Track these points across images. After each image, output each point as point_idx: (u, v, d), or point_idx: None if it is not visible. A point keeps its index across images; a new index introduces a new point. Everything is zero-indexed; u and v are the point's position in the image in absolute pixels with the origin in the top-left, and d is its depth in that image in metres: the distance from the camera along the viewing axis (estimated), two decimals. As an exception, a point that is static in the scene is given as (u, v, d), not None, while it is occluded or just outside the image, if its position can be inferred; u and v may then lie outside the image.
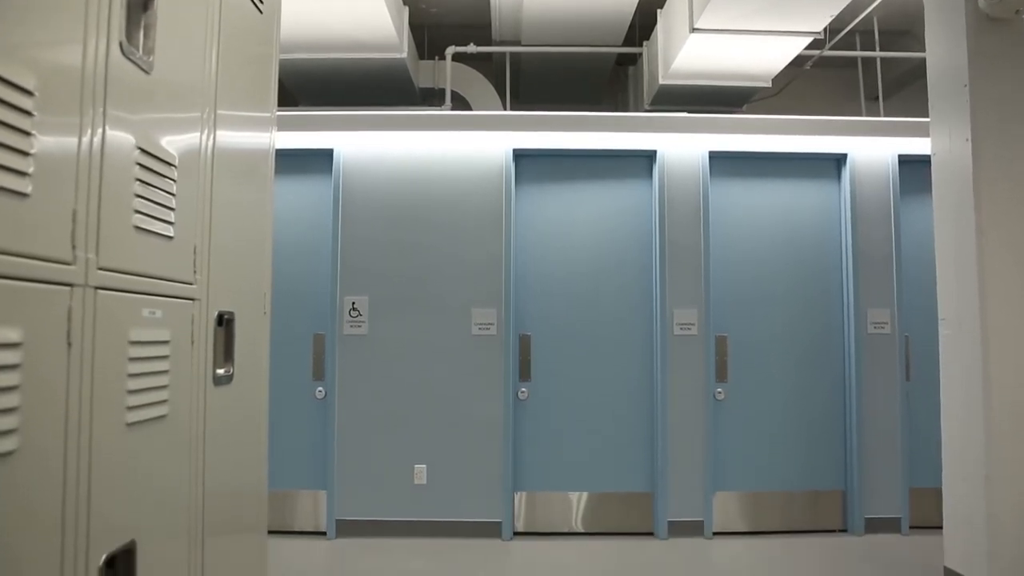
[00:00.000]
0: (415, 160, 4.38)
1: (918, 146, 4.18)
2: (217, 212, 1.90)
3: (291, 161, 4.14)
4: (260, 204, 2.31)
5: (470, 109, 5.08)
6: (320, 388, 4.26)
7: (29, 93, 1.13)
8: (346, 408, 4.23)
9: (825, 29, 4.18)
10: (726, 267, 4.40)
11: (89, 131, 1.30)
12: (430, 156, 4.38)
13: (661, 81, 4.71)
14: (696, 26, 3.96)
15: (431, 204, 4.36)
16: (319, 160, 4.38)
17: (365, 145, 4.37)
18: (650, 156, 4.44)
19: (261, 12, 2.28)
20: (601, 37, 4.73)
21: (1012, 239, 3.02)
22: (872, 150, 4.44)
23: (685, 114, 4.43)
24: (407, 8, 4.54)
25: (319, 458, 4.24)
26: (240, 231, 2.13)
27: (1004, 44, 3.08)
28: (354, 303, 4.28)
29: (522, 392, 4.32)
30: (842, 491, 4.34)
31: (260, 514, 2.32)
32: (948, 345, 3.21)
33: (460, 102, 5.08)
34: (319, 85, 4.94)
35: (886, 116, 4.84)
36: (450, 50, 4.91)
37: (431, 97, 5.31)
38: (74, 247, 1.26)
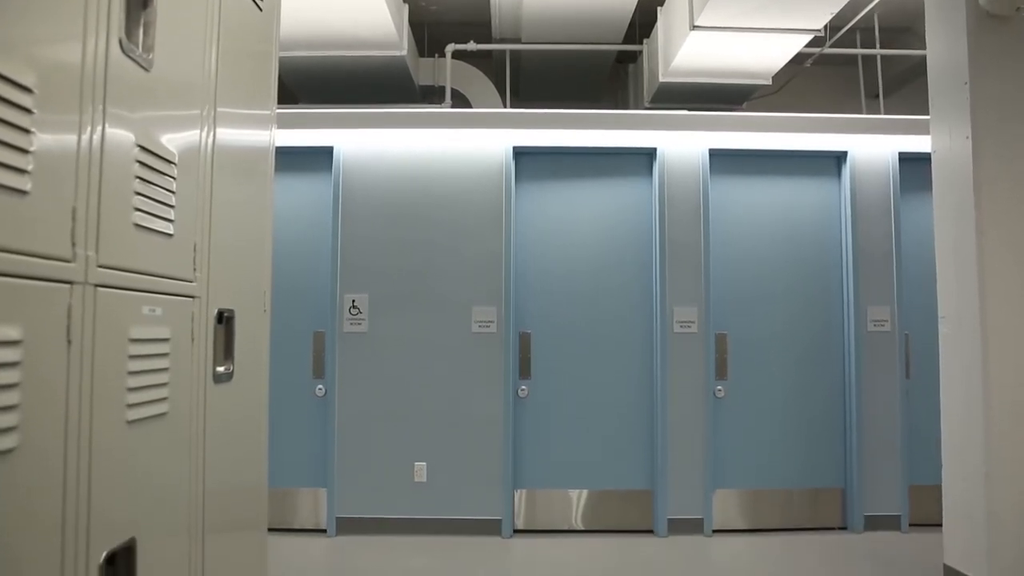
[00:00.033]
0: (415, 158, 4.38)
1: (918, 144, 4.17)
2: (217, 210, 1.90)
3: (291, 159, 4.13)
4: (260, 202, 2.31)
5: (470, 107, 5.07)
6: (320, 386, 4.26)
7: (28, 90, 1.13)
8: (346, 406, 4.23)
9: (825, 27, 4.17)
10: (726, 265, 4.40)
11: (89, 128, 1.30)
12: (430, 154, 4.38)
13: (661, 79, 4.70)
14: (696, 23, 3.95)
15: (431, 202, 4.35)
16: (319, 158, 4.37)
17: (365, 143, 4.37)
18: (650, 154, 4.44)
19: (261, 9, 2.28)
20: (601, 34, 4.73)
21: (1012, 237, 3.02)
22: (872, 148, 4.43)
23: (685, 112, 4.43)
24: (407, 5, 4.54)
25: (319, 456, 4.24)
26: (240, 229, 2.13)
27: (1004, 41, 3.07)
28: (354, 301, 4.28)
29: (522, 390, 4.32)
30: (842, 489, 4.35)
31: (260, 511, 2.32)
32: (948, 343, 3.21)
33: (460, 100, 5.08)
34: (319, 83, 4.93)
35: (886, 114, 4.84)
36: (450, 47, 4.91)
37: (431, 95, 5.30)
38: (74, 245, 1.26)
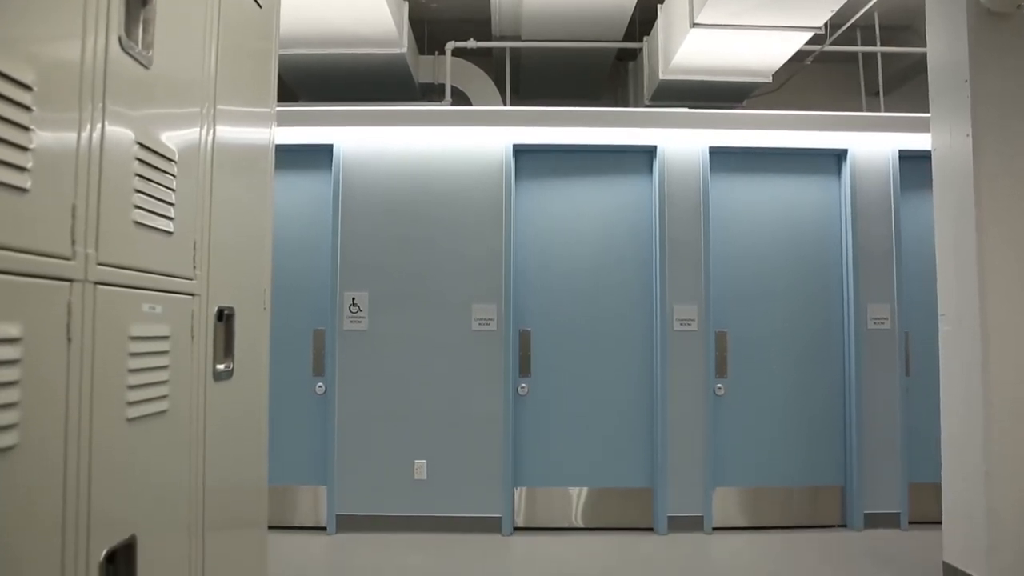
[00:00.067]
0: (415, 155, 4.37)
1: (919, 141, 4.16)
2: (217, 207, 1.90)
3: (291, 156, 4.12)
4: (260, 200, 2.31)
5: (470, 104, 5.07)
6: (320, 384, 4.26)
7: (28, 88, 1.13)
8: (346, 404, 4.23)
9: (826, 24, 4.17)
10: (726, 263, 4.40)
11: (88, 126, 1.30)
12: (430, 151, 4.38)
13: (661, 76, 4.70)
14: (696, 21, 3.95)
15: (431, 200, 4.35)
16: (319, 155, 4.37)
17: (365, 140, 4.37)
18: (650, 152, 4.44)
19: (260, 7, 2.27)
20: (601, 32, 4.73)
21: (1012, 235, 3.02)
22: (873, 145, 4.43)
23: (685, 109, 4.42)
24: (407, 3, 4.53)
25: (319, 453, 4.24)
26: (240, 226, 2.13)
27: (1005, 39, 3.07)
28: (354, 299, 4.28)
29: (522, 388, 4.32)
30: (841, 486, 4.35)
31: (260, 509, 2.32)
32: (948, 341, 3.21)
33: (460, 97, 5.08)
34: (319, 80, 4.93)
35: (887, 111, 4.83)
36: (450, 45, 4.91)
37: (431, 92, 5.30)
38: (73, 242, 1.26)
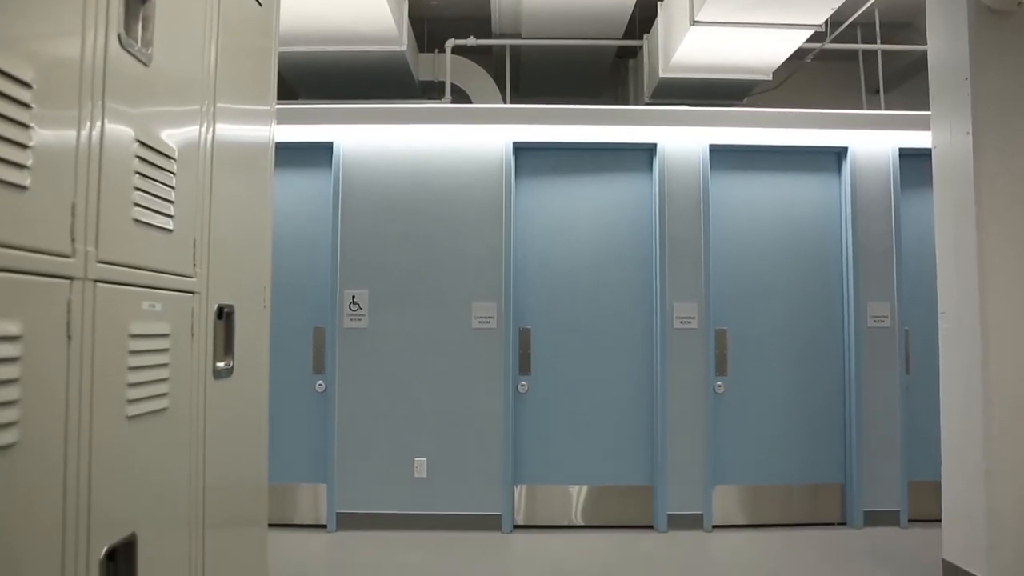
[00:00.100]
0: (415, 153, 4.37)
1: (919, 139, 4.16)
2: (217, 205, 1.90)
3: (291, 154, 4.12)
4: (260, 197, 2.30)
5: (470, 102, 5.07)
6: (320, 382, 4.26)
7: (27, 86, 1.13)
8: (346, 402, 4.23)
9: (826, 22, 4.17)
10: (726, 261, 4.40)
11: (88, 124, 1.30)
12: (430, 149, 4.37)
13: (661, 74, 4.69)
14: (697, 19, 3.94)
15: (431, 197, 4.35)
16: (319, 153, 4.37)
17: (365, 138, 4.36)
18: (650, 149, 4.43)
19: (260, 4, 2.27)
20: (601, 30, 4.72)
21: (1013, 233, 3.02)
22: (873, 143, 4.43)
23: (685, 107, 4.42)
24: (407, 1, 4.53)
25: (319, 451, 4.24)
26: (240, 224, 2.13)
27: (1005, 37, 3.07)
28: (354, 296, 4.28)
29: (522, 386, 4.33)
30: (841, 484, 4.35)
31: (260, 507, 2.32)
32: (948, 339, 3.21)
33: (460, 95, 5.07)
34: (318, 78, 4.92)
35: (887, 109, 4.83)
36: (450, 43, 4.90)
37: (431, 90, 5.30)
38: (73, 240, 1.26)
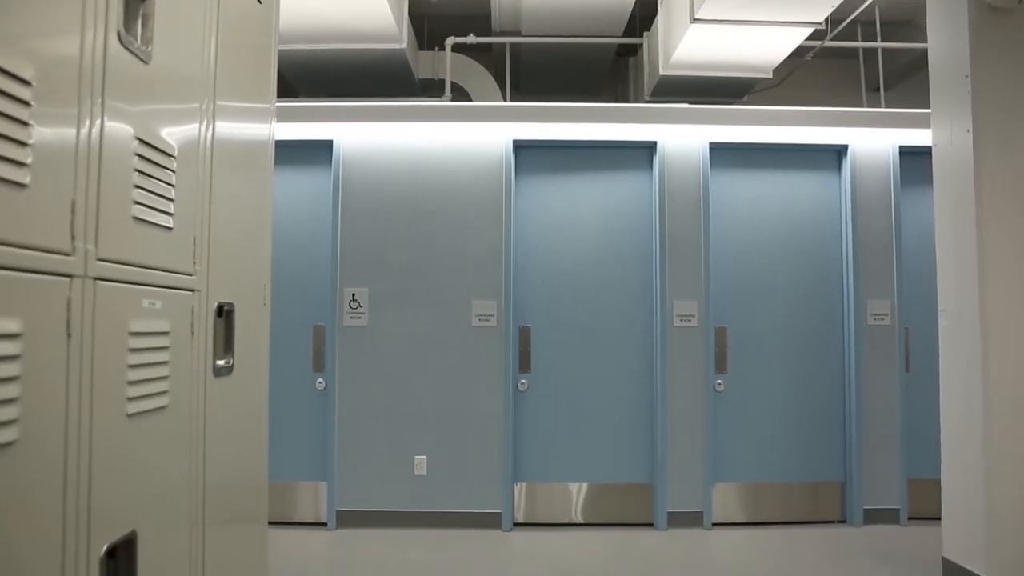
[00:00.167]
0: (415, 151, 4.37)
1: (919, 137, 4.16)
2: (217, 203, 1.90)
3: (290, 152, 4.12)
4: (260, 195, 2.30)
5: (470, 100, 5.06)
6: (320, 379, 4.27)
7: (27, 83, 1.13)
8: (346, 399, 4.23)
9: (826, 19, 4.16)
10: (726, 259, 4.40)
11: (88, 121, 1.30)
12: (430, 147, 4.37)
13: (662, 72, 4.69)
14: (697, 16, 3.94)
15: (431, 195, 4.35)
16: (319, 151, 4.36)
17: (365, 136, 4.36)
18: (650, 147, 4.43)
19: (260, 2, 2.27)
20: (601, 28, 4.72)
21: (1012, 231, 3.02)
22: (873, 141, 4.43)
23: (686, 105, 4.41)
24: (406, -2, 4.52)
25: (319, 449, 4.25)
26: (240, 222, 2.13)
27: (1006, 35, 3.06)
28: (354, 294, 4.28)
29: (522, 384, 4.33)
30: (841, 482, 4.35)
31: (261, 505, 2.33)
32: (948, 336, 3.21)
33: (460, 93, 5.07)
34: (318, 76, 4.92)
35: (887, 107, 4.82)
36: (450, 41, 4.89)
37: (431, 88, 5.29)
38: (73, 238, 1.26)
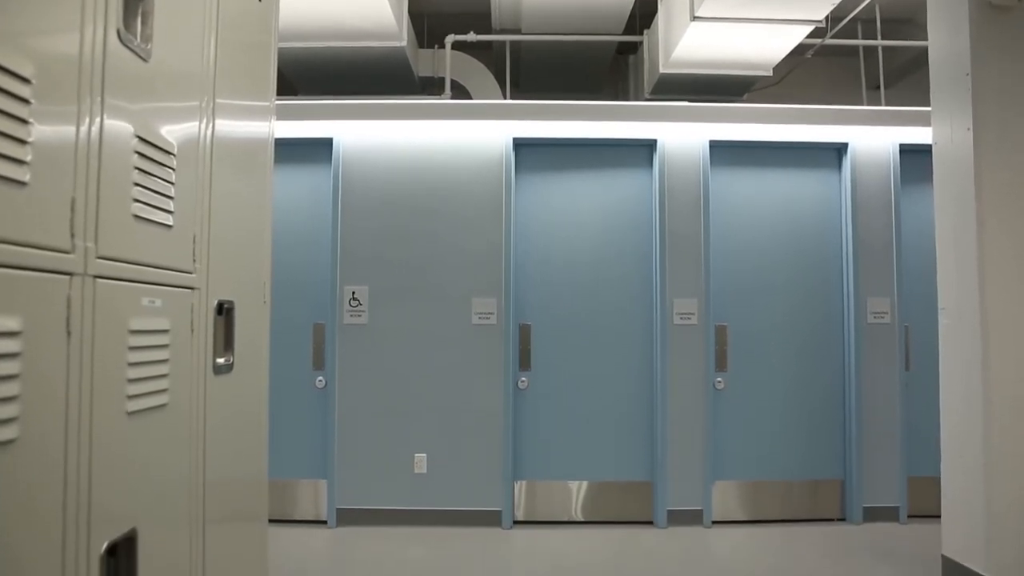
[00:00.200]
0: (415, 149, 4.36)
1: (919, 135, 4.16)
2: (216, 201, 1.89)
3: (290, 150, 4.12)
4: (259, 193, 2.30)
5: (470, 98, 5.06)
6: (320, 377, 4.27)
7: (26, 81, 1.12)
8: (346, 397, 4.24)
9: (827, 17, 4.15)
10: (726, 257, 4.40)
11: (87, 119, 1.30)
12: (430, 145, 4.37)
13: (662, 70, 4.69)
14: (697, 14, 3.93)
15: (431, 193, 4.35)
16: (318, 149, 4.36)
17: (365, 134, 4.36)
18: (650, 145, 4.43)
19: (259, 0, 2.26)
20: (602, 25, 4.71)
21: (1013, 229, 3.02)
22: (873, 139, 4.42)
23: (686, 103, 4.41)
24: (406, -4, 4.52)
25: (319, 447, 4.25)
26: (239, 220, 2.12)
27: (1006, 33, 3.06)
28: (354, 292, 4.28)
29: (522, 381, 4.33)
30: (841, 480, 4.36)
31: (261, 503, 2.33)
32: (948, 335, 3.21)
33: (460, 91, 5.06)
34: (318, 74, 4.91)
35: (888, 105, 4.82)
36: (450, 38, 4.89)
37: (431, 86, 5.29)
38: (73, 236, 1.26)
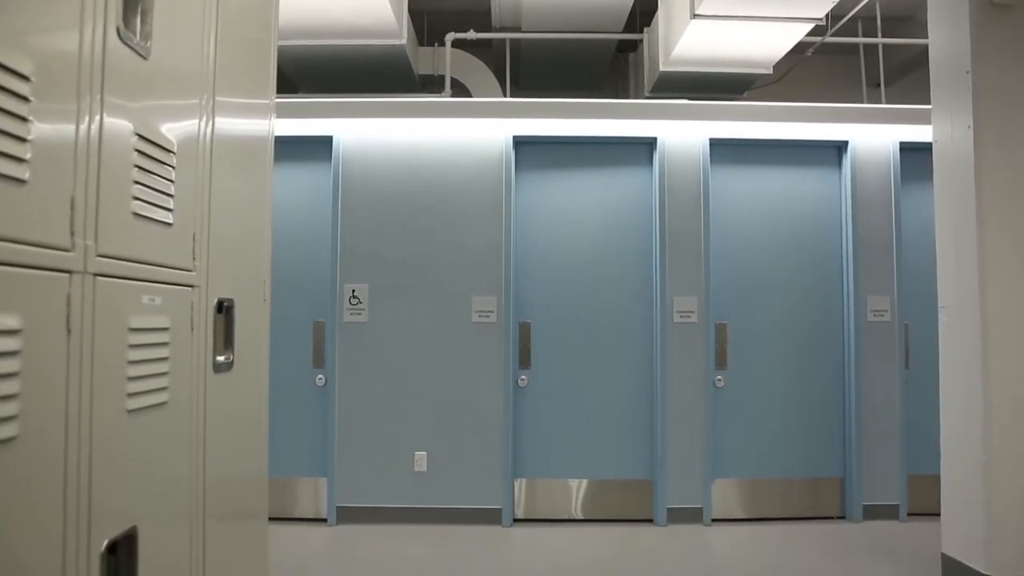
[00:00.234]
0: (415, 147, 4.36)
1: (920, 133, 4.15)
2: (216, 199, 1.89)
3: (290, 148, 4.12)
4: (259, 191, 2.30)
5: (470, 96, 5.05)
6: (320, 376, 4.27)
7: (26, 79, 1.12)
8: (346, 396, 4.24)
9: (827, 15, 4.14)
10: (726, 255, 4.40)
11: (87, 117, 1.29)
12: (430, 143, 4.37)
13: (662, 68, 4.68)
14: (697, 12, 3.93)
15: (431, 191, 4.34)
16: (318, 147, 4.36)
17: (364, 132, 4.36)
18: (650, 143, 4.43)
19: (259, -3, 2.26)
20: (601, 23, 4.70)
21: (1013, 227, 3.02)
22: (873, 137, 4.42)
23: (686, 101, 4.41)
24: (406, -6, 4.51)
25: (319, 445, 4.25)
26: (239, 218, 2.12)
27: (1007, 30, 3.06)
28: (354, 291, 4.28)
29: (522, 380, 4.33)
30: (841, 478, 4.36)
31: (261, 501, 2.33)
32: (948, 333, 3.21)
33: (460, 89, 5.06)
34: (318, 72, 4.91)
35: (888, 103, 4.81)
36: (450, 36, 4.88)
37: (431, 84, 5.28)
38: (73, 234, 1.26)
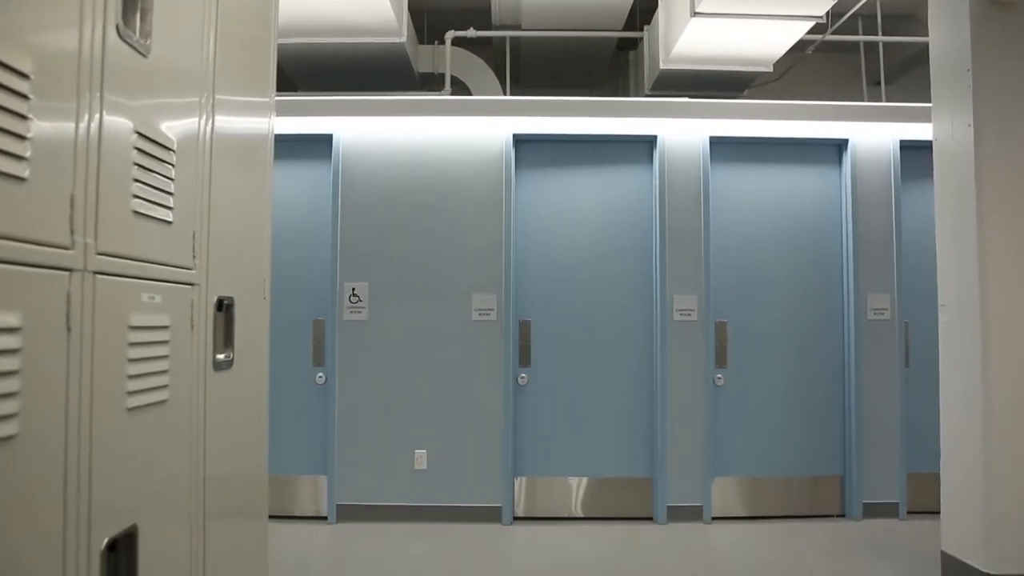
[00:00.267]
0: (415, 145, 4.36)
1: (920, 131, 4.15)
2: (216, 197, 1.89)
3: (290, 146, 4.11)
4: (259, 189, 2.30)
5: (470, 94, 5.05)
6: (320, 374, 4.27)
7: (25, 77, 1.12)
8: (346, 394, 4.24)
9: (827, 13, 4.14)
10: (726, 253, 4.40)
11: (87, 115, 1.29)
12: (430, 141, 4.36)
13: (662, 66, 4.67)
14: (697, 10, 3.92)
15: (431, 189, 4.34)
16: (318, 145, 4.36)
17: (364, 130, 4.35)
18: (650, 141, 4.42)
19: (259, -5, 2.26)
20: (602, 21, 4.69)
21: (1013, 225, 3.02)
22: (874, 135, 4.42)
23: (686, 99, 4.41)
24: (406, -8, 4.50)
25: (319, 443, 4.25)
26: (239, 216, 2.12)
27: (1008, 29, 3.05)
28: (354, 289, 4.28)
29: (522, 378, 4.33)
30: (841, 476, 4.36)
31: (261, 499, 2.33)
32: (948, 331, 3.21)
33: (460, 87, 5.05)
34: (318, 70, 4.90)
35: (888, 101, 4.81)
36: (449, 34, 4.87)
37: (430, 82, 5.27)
38: (72, 232, 1.26)
